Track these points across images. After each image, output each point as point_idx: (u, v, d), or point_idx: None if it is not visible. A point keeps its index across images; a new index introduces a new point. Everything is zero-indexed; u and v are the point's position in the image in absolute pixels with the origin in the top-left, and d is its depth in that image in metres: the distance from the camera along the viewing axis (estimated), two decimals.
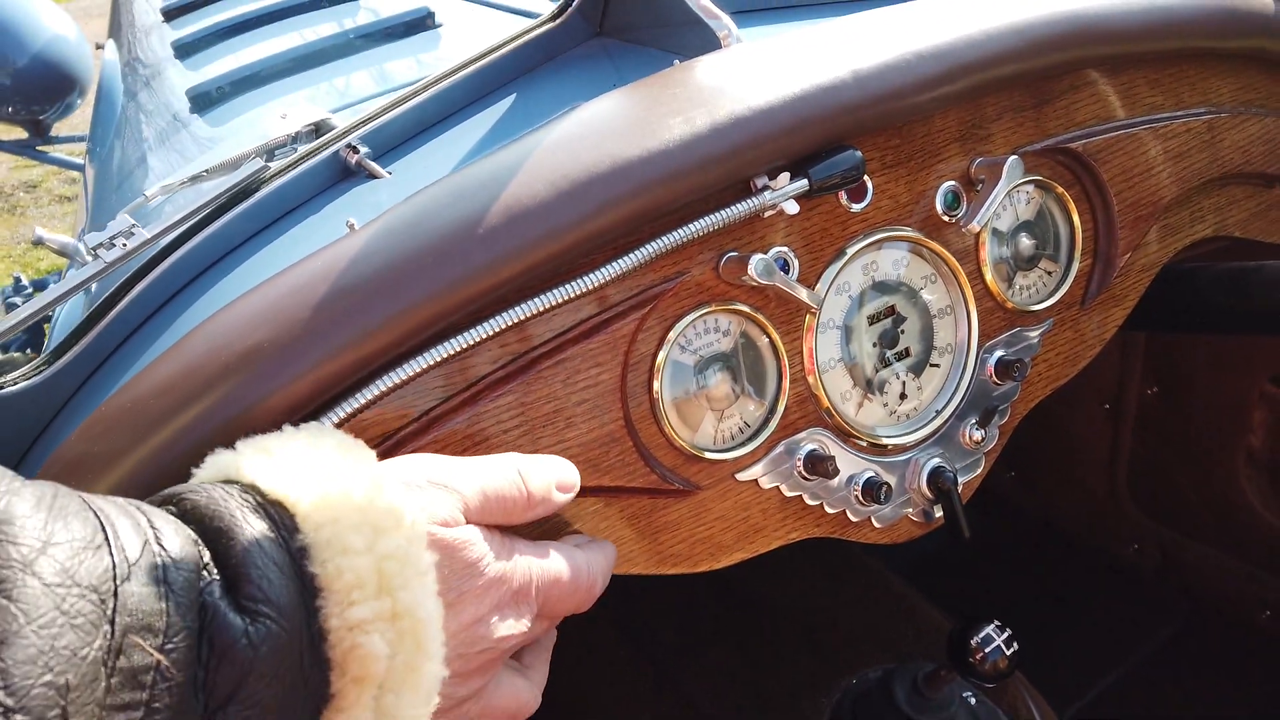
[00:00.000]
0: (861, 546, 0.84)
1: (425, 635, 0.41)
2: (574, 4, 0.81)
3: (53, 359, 0.61)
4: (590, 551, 0.55)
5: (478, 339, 0.53)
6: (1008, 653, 0.71)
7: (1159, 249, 0.80)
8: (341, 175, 0.67)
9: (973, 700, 0.86)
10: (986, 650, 0.71)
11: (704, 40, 0.74)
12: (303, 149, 0.65)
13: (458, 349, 0.52)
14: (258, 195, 0.62)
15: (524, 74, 0.79)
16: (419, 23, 1.06)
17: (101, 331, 0.61)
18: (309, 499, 0.40)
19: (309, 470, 0.42)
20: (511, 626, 0.47)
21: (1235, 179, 0.83)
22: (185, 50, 1.22)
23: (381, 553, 0.40)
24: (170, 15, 1.45)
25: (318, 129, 0.67)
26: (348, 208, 0.65)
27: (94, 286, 0.75)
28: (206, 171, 0.60)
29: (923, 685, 0.80)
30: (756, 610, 0.99)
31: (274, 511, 0.40)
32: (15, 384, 0.60)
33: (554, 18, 0.81)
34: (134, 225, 0.56)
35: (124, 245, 0.55)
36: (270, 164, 0.63)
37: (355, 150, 0.66)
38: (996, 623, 0.73)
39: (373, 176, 0.67)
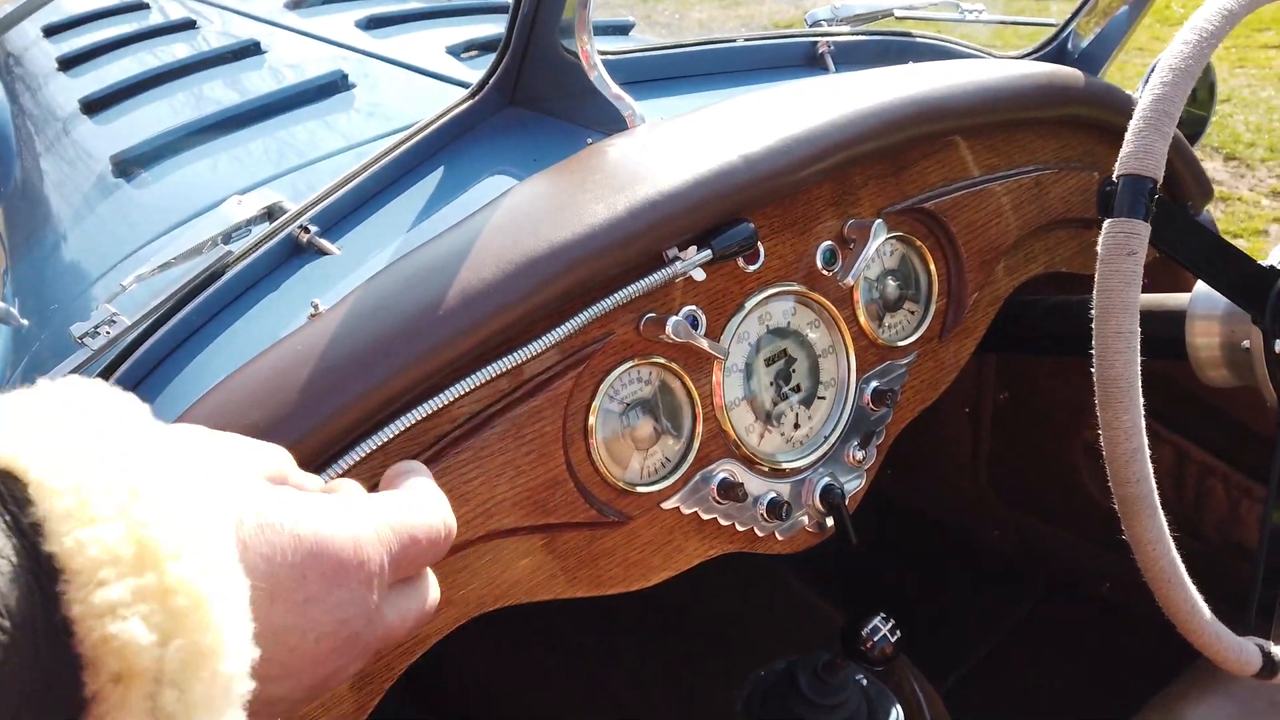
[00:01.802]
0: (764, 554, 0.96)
1: (213, 613, 0.32)
2: (491, 81, 0.90)
3: None
4: (427, 490, 0.46)
5: (438, 406, 0.61)
6: (892, 640, 0.84)
7: (1002, 286, 0.94)
8: (294, 253, 0.74)
9: (865, 682, 0.98)
10: (874, 639, 0.84)
11: (607, 114, 0.84)
12: (259, 232, 0.72)
13: (421, 416, 0.60)
14: (224, 278, 0.68)
15: (447, 146, 0.87)
16: (332, 86, 1.12)
17: None
18: (46, 461, 0.31)
19: (50, 426, 0.33)
20: (359, 600, 0.38)
21: (1060, 224, 0.98)
22: (92, 107, 1.24)
23: (140, 518, 0.31)
24: (68, 65, 1.45)
25: (270, 213, 0.73)
26: (304, 284, 0.72)
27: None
28: (175, 259, 0.66)
29: (822, 673, 0.92)
30: (675, 616, 1.10)
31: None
32: None
33: (473, 95, 0.90)
34: (115, 314, 0.61)
35: (108, 333, 0.61)
36: (231, 248, 0.70)
37: (306, 230, 0.73)
38: (882, 614, 0.85)
39: (323, 253, 0.74)
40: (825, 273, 0.82)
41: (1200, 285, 0.83)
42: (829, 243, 0.82)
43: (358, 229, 0.78)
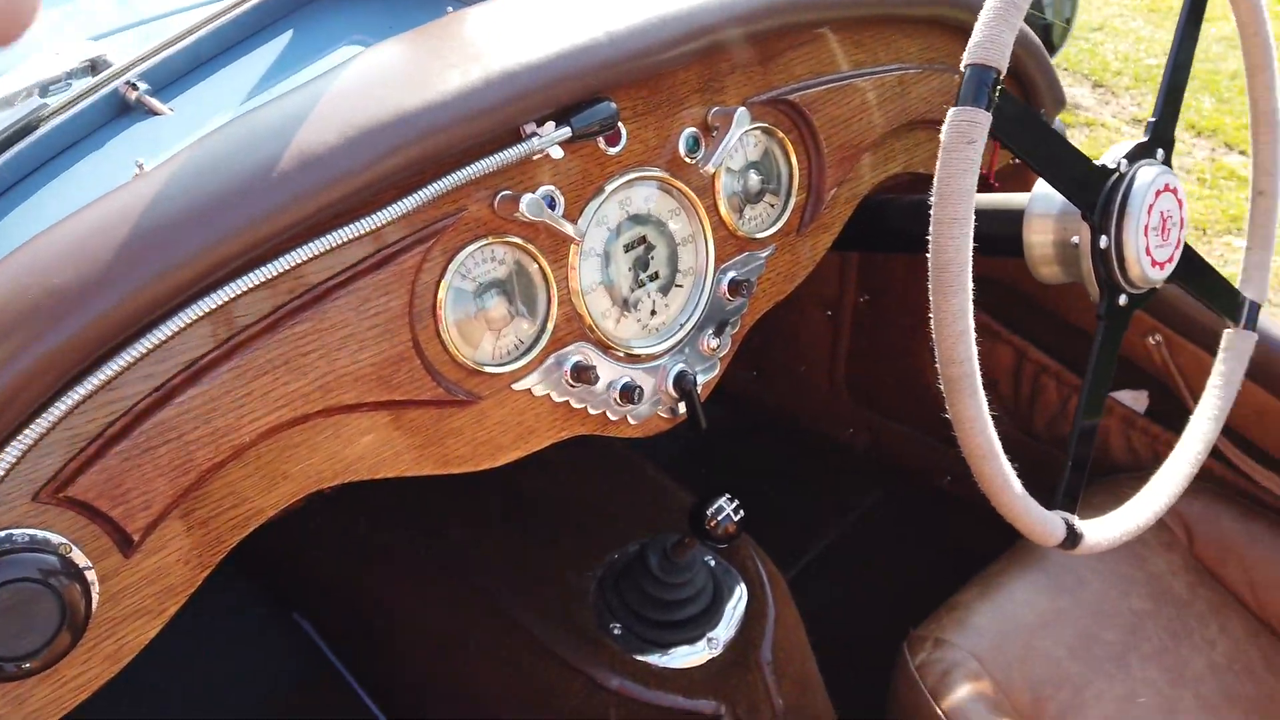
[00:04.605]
0: (625, 445, 0.97)
1: None
2: None
3: None
4: None
5: (273, 274, 0.58)
6: (736, 519, 0.87)
7: (861, 183, 0.96)
8: (120, 111, 0.69)
9: (712, 563, 1.03)
10: (719, 519, 0.87)
11: None
12: (80, 86, 0.66)
13: (254, 284, 0.58)
14: (37, 133, 0.63)
15: (299, 9, 0.82)
16: None
17: None
18: None
19: None
20: None
21: (920, 124, 1.00)
22: None
23: None
24: None
25: (94, 65, 0.68)
26: (130, 144, 0.67)
27: None
28: None
29: (671, 553, 0.96)
30: (534, 503, 1.11)
31: None
32: None
33: None
34: None
35: None
36: (48, 101, 0.64)
37: (134, 87, 0.68)
38: (727, 496, 0.89)
39: (153, 113, 0.69)
40: (688, 160, 0.81)
41: (1039, 185, 0.86)
42: (693, 129, 0.81)
43: (193, 90, 0.73)
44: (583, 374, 0.78)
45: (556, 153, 0.71)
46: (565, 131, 0.69)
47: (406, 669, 1.23)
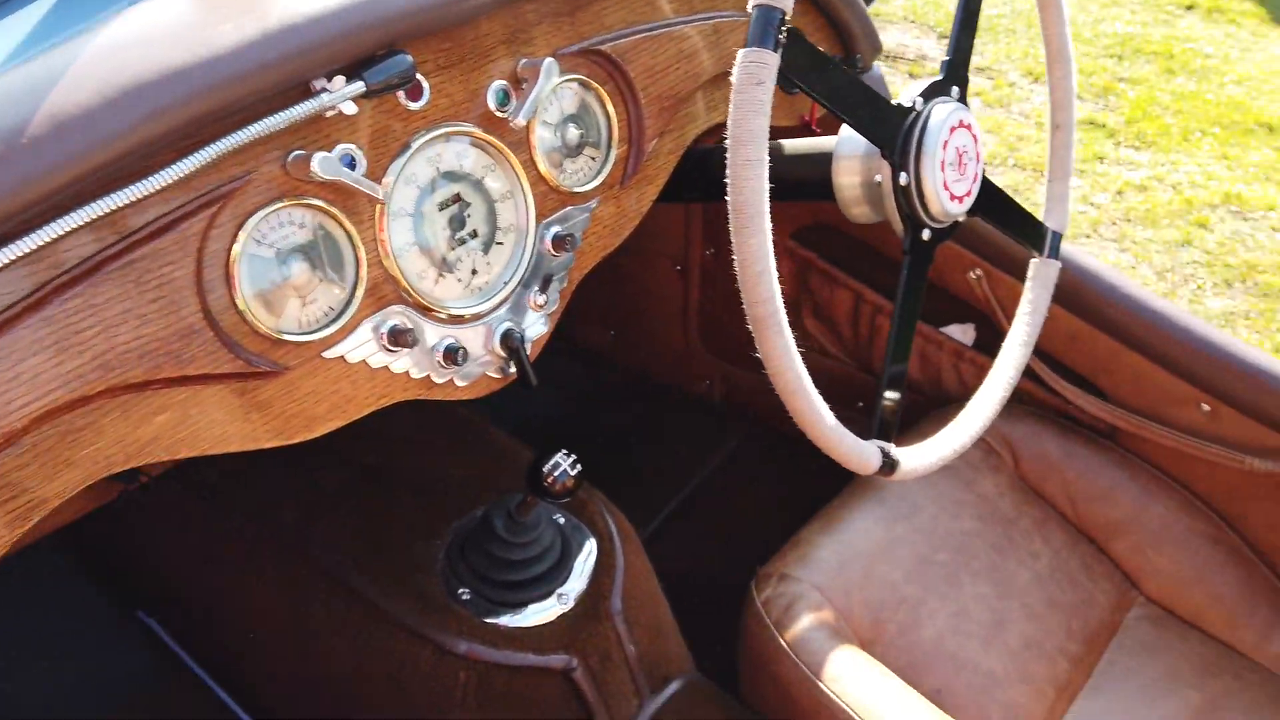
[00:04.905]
0: (469, 409, 0.95)
1: None
2: None
3: None
4: None
5: (30, 249, 0.54)
6: (573, 473, 0.88)
7: (684, 133, 0.97)
8: None
9: (561, 520, 1.03)
10: (555, 474, 0.87)
11: None
12: None
13: (15, 256, 0.54)
14: None
15: None
16: None
17: None
18: None
19: None
20: None
21: None
22: None
23: None
24: None
25: None
26: None
27: None
28: None
29: (515, 513, 0.96)
30: (376, 476, 1.09)
31: None
32: None
33: None
34: None
35: None
36: None
37: None
38: (564, 451, 0.89)
39: None
40: (499, 114, 0.80)
41: (845, 128, 0.88)
42: (501, 82, 0.80)
43: None
44: (400, 337, 0.76)
45: (350, 108, 0.68)
46: (358, 86, 0.67)
47: (256, 659, 1.19)
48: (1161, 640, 1.08)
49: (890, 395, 0.82)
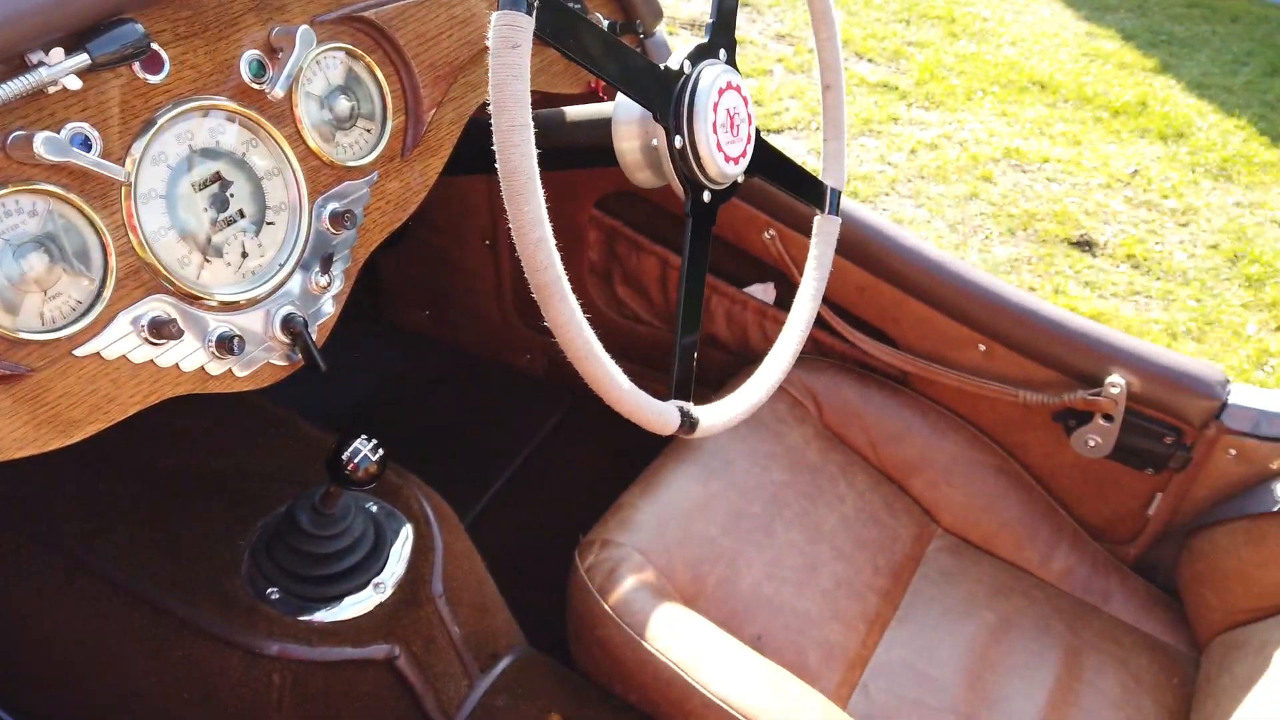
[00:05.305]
0: (272, 401, 0.90)
1: None
2: None
3: None
4: None
5: None
6: (374, 459, 0.85)
7: (463, 104, 0.94)
8: None
9: (374, 508, 1.00)
10: (357, 460, 0.84)
11: None
12: None
13: None
14: None
15: None
16: None
17: None
18: None
19: None
20: None
21: None
22: None
23: None
24: None
25: None
26: None
27: None
28: None
29: (320, 505, 0.92)
30: (165, 480, 1.02)
31: None
32: None
33: None
34: None
35: None
36: None
37: None
38: (364, 436, 0.86)
39: None
40: (255, 86, 0.75)
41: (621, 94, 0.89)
42: (255, 52, 0.75)
43: None
44: (163, 329, 0.71)
45: (74, 83, 0.63)
46: (81, 58, 0.61)
47: (58, 689, 1.10)
48: (959, 567, 1.15)
49: (683, 354, 0.83)
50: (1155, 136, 3.35)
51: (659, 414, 0.79)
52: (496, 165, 0.67)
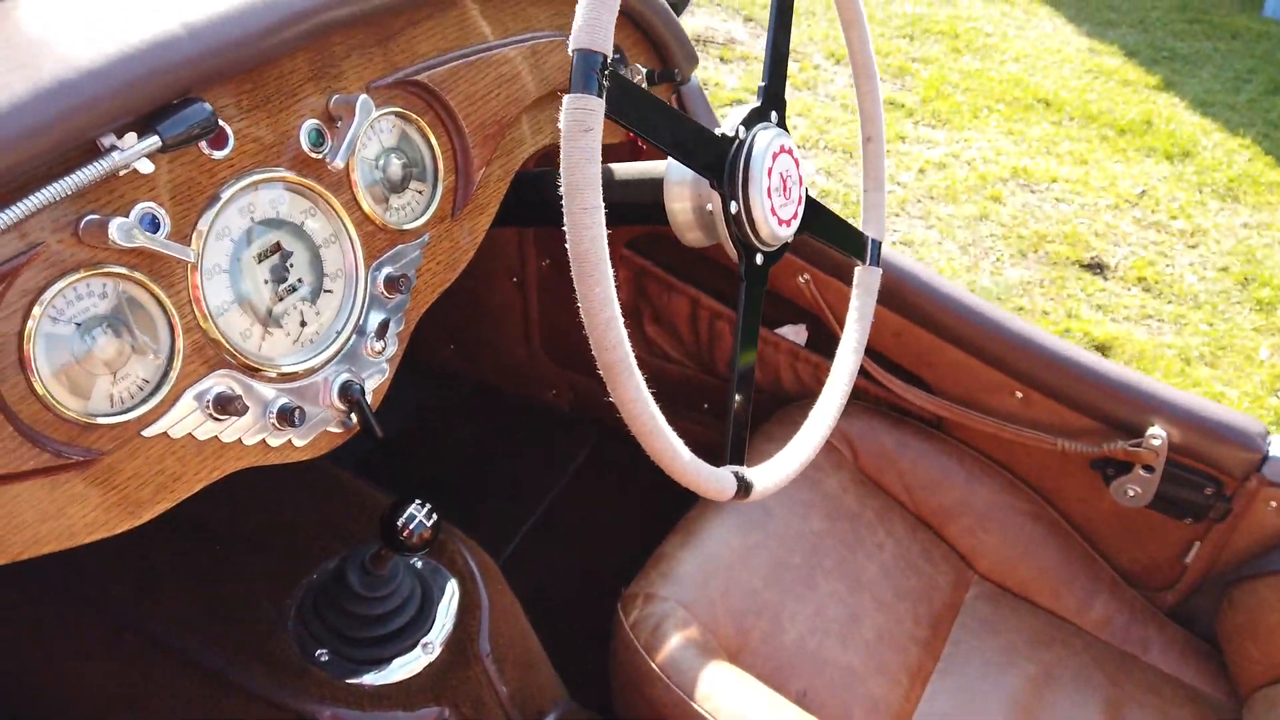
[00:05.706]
0: None
1: None
2: None
3: None
4: None
5: None
6: (429, 524, 0.84)
7: (511, 159, 0.94)
8: None
9: (419, 564, 0.99)
10: (411, 526, 0.83)
11: None
12: None
13: None
14: None
15: None
16: None
17: None
18: None
19: None
20: None
21: (562, 93, 0.99)
22: None
23: None
24: None
25: None
26: None
27: None
28: None
29: (370, 566, 0.91)
30: (210, 537, 1.01)
31: None
32: None
33: None
34: None
35: None
36: None
37: None
38: (418, 501, 0.85)
39: None
40: (314, 155, 0.75)
41: None
42: (314, 122, 0.75)
43: None
44: (228, 406, 0.70)
45: (145, 166, 0.62)
46: (153, 141, 0.61)
47: None
48: (997, 615, 1.15)
49: (737, 423, 0.83)
50: (1161, 155, 3.37)
51: (715, 482, 0.78)
52: (557, 220, 0.67)
